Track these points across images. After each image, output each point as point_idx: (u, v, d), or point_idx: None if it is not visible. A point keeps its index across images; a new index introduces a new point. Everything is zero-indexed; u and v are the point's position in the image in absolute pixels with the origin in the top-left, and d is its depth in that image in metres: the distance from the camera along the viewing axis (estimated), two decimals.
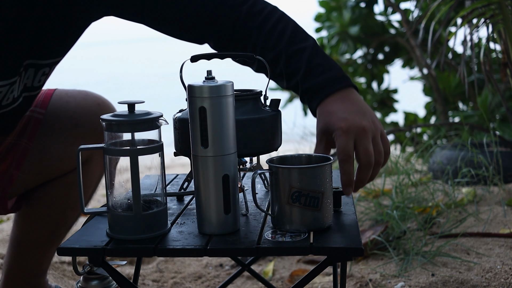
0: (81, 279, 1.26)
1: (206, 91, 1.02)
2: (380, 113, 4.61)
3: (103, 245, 1.06)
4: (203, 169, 1.06)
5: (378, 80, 4.59)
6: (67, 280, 1.96)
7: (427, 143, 2.87)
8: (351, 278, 1.80)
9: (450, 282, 1.67)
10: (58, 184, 1.47)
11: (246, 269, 1.59)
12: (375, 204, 2.18)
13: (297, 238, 1.05)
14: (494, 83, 2.60)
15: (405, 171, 2.31)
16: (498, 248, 1.89)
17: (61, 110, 1.44)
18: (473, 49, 2.54)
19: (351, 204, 1.26)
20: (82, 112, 1.45)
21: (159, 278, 1.98)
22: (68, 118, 1.43)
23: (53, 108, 1.44)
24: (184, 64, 1.21)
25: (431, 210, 2.12)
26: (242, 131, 1.15)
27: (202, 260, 2.10)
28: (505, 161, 2.55)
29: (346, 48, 4.34)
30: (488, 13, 2.44)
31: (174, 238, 1.08)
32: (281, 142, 1.26)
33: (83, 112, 1.45)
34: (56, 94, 1.47)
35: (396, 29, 4.30)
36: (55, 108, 1.44)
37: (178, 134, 1.23)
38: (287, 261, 2.04)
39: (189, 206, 1.29)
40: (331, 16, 4.34)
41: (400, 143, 4.11)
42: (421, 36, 3.14)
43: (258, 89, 1.25)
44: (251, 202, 1.27)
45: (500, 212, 2.18)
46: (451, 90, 3.93)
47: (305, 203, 1.06)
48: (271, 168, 1.09)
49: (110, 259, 1.84)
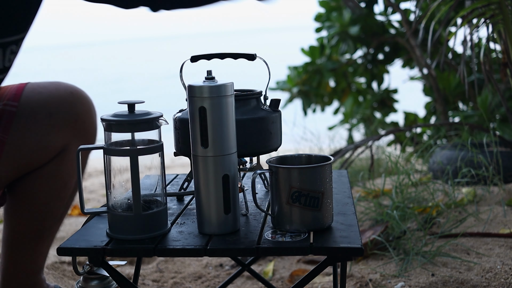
0: (81, 279, 1.26)
1: (206, 91, 1.03)
2: (380, 113, 4.61)
3: (103, 245, 1.06)
4: (203, 169, 1.06)
5: (378, 80, 4.59)
6: (67, 280, 1.96)
7: (427, 143, 2.86)
8: (351, 278, 1.80)
9: (450, 282, 1.67)
10: (38, 175, 1.46)
11: (246, 269, 1.59)
12: (375, 204, 2.18)
13: (297, 238, 1.05)
14: (494, 83, 2.59)
15: (405, 171, 2.31)
16: (498, 248, 1.89)
17: (34, 101, 1.45)
18: (473, 49, 2.54)
19: (351, 204, 1.26)
20: (56, 101, 1.45)
21: (159, 278, 1.98)
22: (42, 108, 1.44)
23: (26, 99, 1.44)
24: (184, 64, 1.21)
25: (431, 210, 2.12)
26: (242, 131, 1.15)
27: (202, 260, 2.10)
28: (505, 161, 2.55)
29: (346, 48, 4.34)
30: (488, 13, 2.44)
31: (174, 238, 1.08)
32: (281, 142, 1.26)
33: (56, 101, 1.45)
34: (28, 87, 1.47)
35: (396, 29, 4.30)
36: (28, 99, 1.44)
37: (178, 134, 1.23)
38: (287, 261, 2.04)
39: (189, 206, 1.29)
40: (331, 16, 4.34)
41: (400, 143, 4.11)
42: (421, 36, 3.14)
43: (258, 89, 1.25)
44: (251, 202, 1.27)
45: (500, 212, 2.18)
46: (451, 90, 3.93)
47: (305, 203, 1.06)
48: (271, 168, 1.09)
49: (110, 259, 1.84)
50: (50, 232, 1.53)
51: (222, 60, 1.24)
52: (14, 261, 1.51)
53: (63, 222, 1.58)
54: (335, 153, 3.02)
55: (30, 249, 1.51)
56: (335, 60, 4.55)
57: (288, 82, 4.70)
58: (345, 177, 1.52)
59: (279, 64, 4.45)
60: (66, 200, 1.52)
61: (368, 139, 3.05)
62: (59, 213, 1.53)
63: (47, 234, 1.52)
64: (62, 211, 1.54)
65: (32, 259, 1.52)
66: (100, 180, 4.22)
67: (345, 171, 1.59)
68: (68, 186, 1.51)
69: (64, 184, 1.49)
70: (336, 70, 4.55)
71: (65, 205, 1.54)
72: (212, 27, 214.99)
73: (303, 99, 4.72)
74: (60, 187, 1.48)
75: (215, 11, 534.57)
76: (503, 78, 2.58)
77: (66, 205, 1.54)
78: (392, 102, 4.57)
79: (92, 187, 3.87)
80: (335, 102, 4.85)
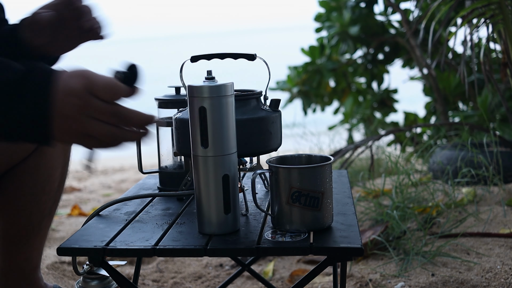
0: (81, 279, 1.26)
1: (206, 91, 1.02)
2: (380, 113, 4.61)
3: (103, 245, 1.06)
4: (203, 169, 1.06)
5: (378, 80, 4.59)
6: (67, 280, 1.96)
7: (427, 143, 2.86)
8: (351, 278, 1.80)
9: (450, 282, 1.67)
10: (21, 170, 1.45)
11: (246, 269, 1.59)
12: (375, 204, 2.18)
13: (297, 238, 1.05)
14: (494, 83, 2.59)
15: (405, 171, 2.31)
16: (498, 248, 1.89)
17: None
18: (473, 49, 2.54)
19: (351, 204, 1.26)
20: None
21: (159, 278, 1.98)
22: None
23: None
24: (184, 64, 1.21)
25: (431, 210, 2.12)
26: (242, 131, 1.15)
27: (202, 260, 2.10)
28: (505, 161, 2.55)
29: (346, 48, 4.34)
30: (488, 13, 2.44)
31: (174, 238, 1.08)
32: (281, 142, 1.26)
33: None
34: None
35: (396, 29, 4.30)
36: None
37: (178, 134, 1.23)
38: (287, 261, 2.04)
39: (189, 206, 1.29)
40: (331, 16, 4.34)
41: (400, 143, 4.11)
42: (421, 36, 3.14)
43: (258, 89, 1.25)
44: (251, 202, 1.27)
45: (500, 212, 2.18)
46: (451, 90, 3.93)
47: (305, 203, 1.06)
48: (271, 168, 1.09)
49: (110, 259, 1.84)
50: (41, 228, 1.52)
51: (222, 60, 1.24)
52: (8, 258, 1.51)
53: (53, 216, 1.57)
54: (335, 153, 3.02)
55: (22, 246, 1.51)
56: (335, 60, 4.55)
57: (288, 82, 4.70)
58: (345, 177, 1.52)
59: (279, 64, 4.45)
60: (52, 193, 1.50)
61: (368, 139, 3.05)
62: (47, 207, 1.51)
63: (37, 229, 1.51)
64: (50, 205, 1.52)
65: (25, 256, 1.52)
66: (100, 180, 4.22)
67: (345, 171, 1.59)
68: (53, 179, 1.48)
69: (48, 177, 1.47)
70: (336, 70, 4.55)
71: (52, 198, 1.52)
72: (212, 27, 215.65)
73: (303, 99, 4.72)
74: (44, 180, 1.46)
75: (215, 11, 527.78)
76: (503, 78, 2.59)
77: (54, 198, 1.52)
78: (392, 102, 4.57)
79: (92, 187, 3.87)
80: (335, 102, 4.85)
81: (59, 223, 2.66)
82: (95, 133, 0.91)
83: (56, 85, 0.90)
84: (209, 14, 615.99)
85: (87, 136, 0.92)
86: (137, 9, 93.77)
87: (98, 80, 0.91)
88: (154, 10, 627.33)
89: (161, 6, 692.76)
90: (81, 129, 0.91)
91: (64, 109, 0.90)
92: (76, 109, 0.90)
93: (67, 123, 0.91)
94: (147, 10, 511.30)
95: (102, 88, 0.90)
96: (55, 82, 0.90)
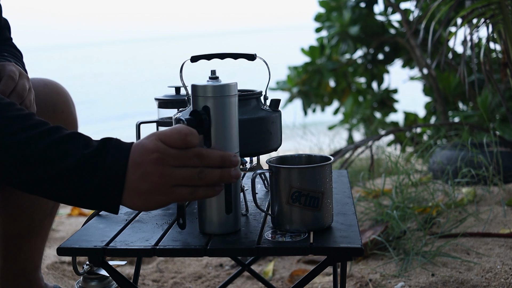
0: (81, 279, 1.26)
1: (210, 91, 1.02)
2: (380, 113, 4.62)
3: (103, 245, 1.06)
4: None
5: (378, 80, 4.59)
6: (67, 280, 1.96)
7: (427, 143, 2.86)
8: (351, 278, 1.80)
9: (450, 282, 1.67)
10: None
11: (246, 269, 1.59)
12: (375, 204, 2.18)
13: (297, 238, 1.05)
14: (494, 83, 2.60)
15: (405, 171, 2.31)
16: (498, 248, 1.89)
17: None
18: (473, 49, 2.54)
19: (351, 204, 1.26)
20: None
21: (159, 278, 1.98)
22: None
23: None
24: (184, 64, 1.21)
25: (431, 210, 2.12)
26: (242, 131, 1.15)
27: (202, 260, 2.10)
28: (505, 161, 2.55)
29: (346, 48, 4.35)
30: (488, 13, 2.44)
31: (174, 238, 1.08)
32: (281, 142, 1.26)
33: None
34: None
35: (396, 29, 4.30)
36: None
37: None
38: (287, 261, 2.04)
39: (189, 206, 1.29)
40: (331, 16, 4.34)
41: (400, 143, 4.11)
42: (421, 36, 3.14)
43: (258, 89, 1.25)
44: (251, 202, 1.27)
45: (500, 212, 2.18)
46: (451, 90, 3.93)
47: (305, 203, 1.06)
48: (271, 168, 1.09)
49: (110, 259, 1.84)
50: (42, 228, 1.52)
51: (222, 60, 1.23)
52: (9, 258, 1.51)
53: (55, 216, 1.57)
54: (335, 153, 3.02)
55: (24, 246, 1.51)
56: (335, 60, 4.56)
57: (288, 82, 4.70)
58: (345, 177, 1.52)
59: (279, 64, 4.45)
60: None
61: (368, 139, 3.05)
62: (48, 207, 1.51)
63: (38, 229, 1.51)
64: (52, 205, 1.52)
65: (26, 256, 1.52)
66: None
67: (345, 171, 1.59)
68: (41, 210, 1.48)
69: None
70: (336, 70, 4.56)
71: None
72: (212, 27, 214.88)
73: (303, 99, 4.72)
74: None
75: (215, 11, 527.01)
76: (503, 78, 2.59)
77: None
78: (392, 102, 4.57)
79: None
80: (335, 102, 4.85)
81: (59, 223, 2.66)
82: (182, 179, 0.91)
83: (131, 151, 0.92)
84: (209, 14, 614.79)
85: (176, 187, 0.92)
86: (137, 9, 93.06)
87: (167, 130, 0.92)
88: (154, 10, 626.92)
89: (161, 6, 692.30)
90: (167, 181, 0.91)
91: (144, 167, 0.90)
92: (156, 163, 0.90)
93: (150, 180, 0.91)
94: (147, 10, 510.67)
95: (176, 136, 0.91)
96: (130, 151, 0.92)
